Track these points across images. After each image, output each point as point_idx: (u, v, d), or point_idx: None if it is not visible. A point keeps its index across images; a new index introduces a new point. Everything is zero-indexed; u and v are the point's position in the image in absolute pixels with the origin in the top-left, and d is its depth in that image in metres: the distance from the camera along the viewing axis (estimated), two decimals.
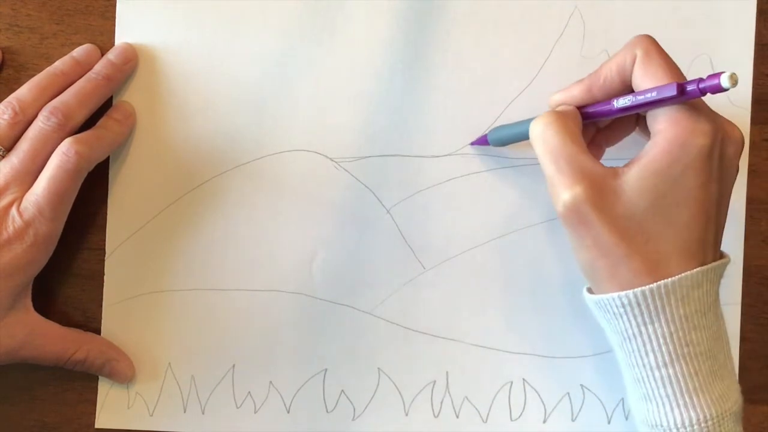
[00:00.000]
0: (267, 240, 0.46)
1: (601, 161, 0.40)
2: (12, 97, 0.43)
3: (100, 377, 0.47)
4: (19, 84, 0.44)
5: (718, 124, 0.37)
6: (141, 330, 0.47)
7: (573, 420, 0.46)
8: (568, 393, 0.46)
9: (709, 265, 0.36)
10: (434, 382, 0.47)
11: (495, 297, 0.47)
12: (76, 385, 0.47)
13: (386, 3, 0.46)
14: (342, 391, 0.47)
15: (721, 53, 0.46)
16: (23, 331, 0.43)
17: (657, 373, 0.36)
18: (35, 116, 0.43)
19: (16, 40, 0.46)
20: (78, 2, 0.46)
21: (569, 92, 0.40)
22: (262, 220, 0.46)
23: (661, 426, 0.37)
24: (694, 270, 0.36)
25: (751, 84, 0.47)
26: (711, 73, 0.35)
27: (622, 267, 0.36)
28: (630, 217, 0.36)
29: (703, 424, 0.36)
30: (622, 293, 0.36)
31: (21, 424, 0.47)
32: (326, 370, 0.47)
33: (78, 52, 0.45)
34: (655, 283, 0.35)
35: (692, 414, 0.36)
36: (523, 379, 0.47)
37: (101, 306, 0.47)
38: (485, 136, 0.45)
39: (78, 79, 0.44)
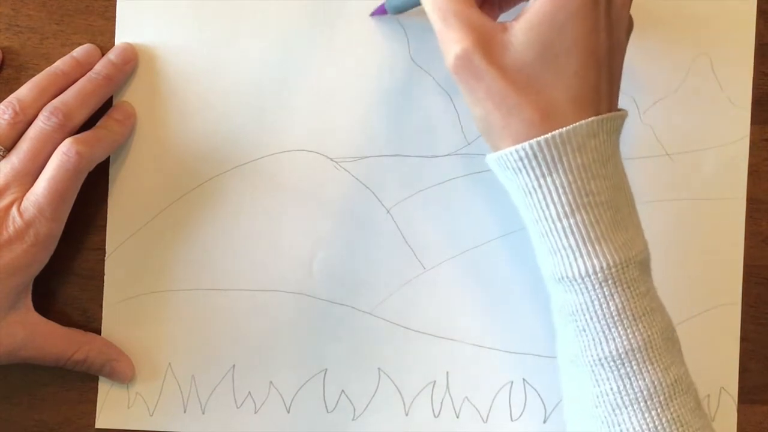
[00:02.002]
0: (267, 240, 0.46)
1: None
2: (12, 97, 0.43)
3: (100, 377, 0.47)
4: (19, 84, 0.44)
5: None
6: (141, 330, 0.47)
7: None
8: None
9: (604, 115, 0.36)
10: (434, 382, 0.47)
11: (495, 297, 0.47)
12: (76, 385, 0.47)
13: None
14: (342, 391, 0.47)
15: (721, 53, 0.46)
16: (23, 331, 0.43)
17: (559, 225, 0.36)
18: (35, 116, 0.43)
19: (16, 40, 0.46)
20: (78, 2, 0.46)
21: None
22: (261, 220, 0.46)
23: (567, 277, 0.37)
24: (589, 119, 0.36)
25: (751, 84, 0.47)
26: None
27: (515, 118, 0.36)
28: (520, 68, 0.36)
29: (606, 271, 0.36)
30: (519, 146, 0.36)
31: (21, 424, 0.47)
32: (326, 370, 0.47)
33: (78, 52, 0.45)
34: (549, 133, 0.36)
35: (595, 261, 0.36)
36: (523, 379, 0.47)
37: (101, 306, 0.47)
38: (383, 5, 0.45)
39: (78, 79, 0.44)
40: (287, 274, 0.46)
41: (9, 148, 0.43)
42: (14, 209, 0.42)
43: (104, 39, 0.46)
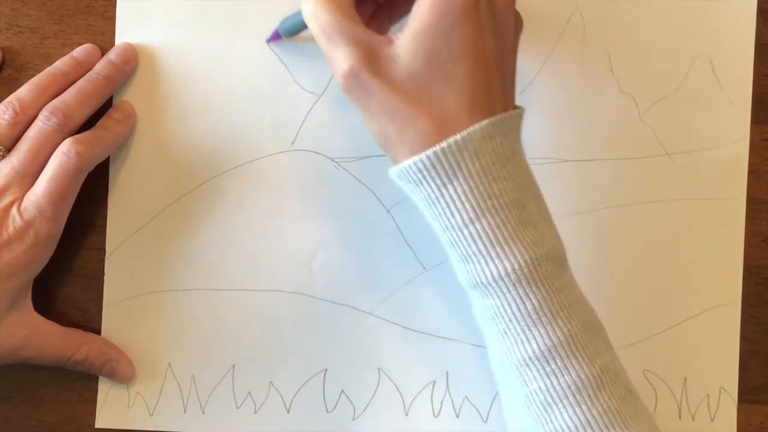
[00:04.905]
0: (267, 240, 0.46)
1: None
2: (12, 97, 0.43)
3: (100, 377, 0.47)
4: (19, 84, 0.44)
5: None
6: (141, 330, 0.47)
7: None
8: None
9: (498, 116, 0.36)
10: (434, 382, 0.47)
11: None
12: (76, 385, 0.47)
13: None
14: (342, 391, 0.47)
15: (721, 53, 0.46)
16: (23, 331, 0.43)
17: (466, 231, 0.36)
18: (36, 116, 0.43)
19: (16, 40, 0.46)
20: (78, 2, 0.46)
21: None
22: (262, 220, 0.46)
23: (481, 283, 0.37)
24: (483, 122, 0.36)
25: (751, 84, 0.47)
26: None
27: (410, 129, 0.36)
28: (410, 79, 0.36)
29: (519, 272, 0.36)
30: (416, 158, 0.36)
31: (21, 424, 0.47)
32: (326, 370, 0.47)
33: (78, 52, 0.45)
34: (445, 141, 0.35)
35: (506, 264, 0.36)
36: None
37: (101, 306, 0.47)
38: (277, 30, 0.45)
39: (78, 79, 0.44)
40: (287, 274, 0.46)
41: (9, 148, 0.43)
42: (14, 209, 0.42)
43: (104, 39, 0.46)
